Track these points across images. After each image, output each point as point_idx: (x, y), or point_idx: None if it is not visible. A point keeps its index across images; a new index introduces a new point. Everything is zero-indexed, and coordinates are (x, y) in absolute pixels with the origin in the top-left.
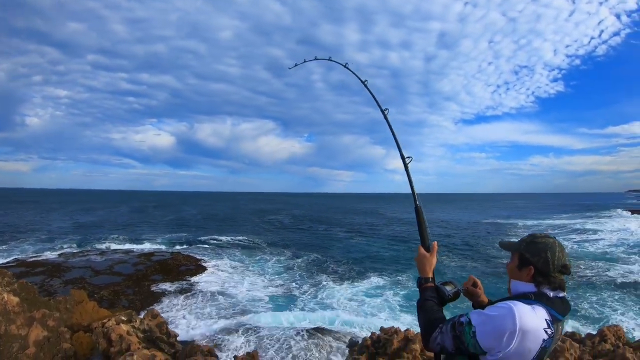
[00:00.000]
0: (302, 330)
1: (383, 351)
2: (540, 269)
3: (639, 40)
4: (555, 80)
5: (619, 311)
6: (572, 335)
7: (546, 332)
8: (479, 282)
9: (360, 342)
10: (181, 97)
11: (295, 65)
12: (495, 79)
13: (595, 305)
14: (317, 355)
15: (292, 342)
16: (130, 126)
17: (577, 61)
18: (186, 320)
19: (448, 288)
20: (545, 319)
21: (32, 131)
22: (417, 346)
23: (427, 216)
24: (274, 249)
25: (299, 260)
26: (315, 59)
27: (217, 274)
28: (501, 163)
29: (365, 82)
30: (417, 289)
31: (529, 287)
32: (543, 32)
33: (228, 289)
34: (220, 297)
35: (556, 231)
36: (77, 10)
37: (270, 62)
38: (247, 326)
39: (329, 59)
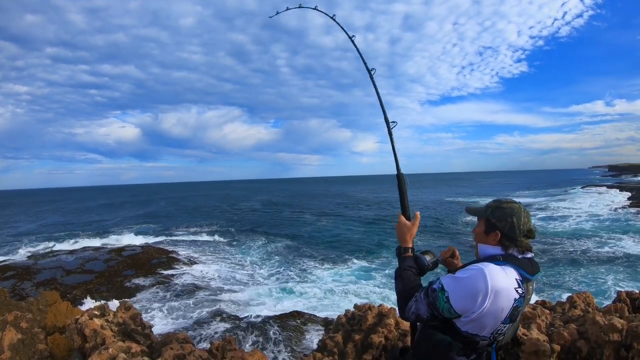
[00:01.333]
0: (279, 315)
1: (358, 327)
2: (506, 233)
3: (601, 21)
4: (519, 60)
5: (586, 282)
6: (543, 304)
7: (517, 291)
8: (457, 252)
9: (335, 320)
10: (144, 87)
11: (277, 13)
12: (460, 60)
13: (564, 278)
14: (293, 336)
15: (268, 327)
16: (93, 120)
17: (541, 42)
18: (161, 313)
19: (427, 257)
20: (516, 279)
21: None
22: (392, 320)
23: (397, 197)
24: (247, 236)
25: (273, 245)
26: (300, 7)
27: (189, 264)
28: (467, 142)
29: (353, 38)
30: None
31: (497, 250)
32: (507, 14)
33: (202, 279)
34: (194, 287)
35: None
36: (33, 2)
37: (234, 48)
38: (224, 314)
39: (315, 8)
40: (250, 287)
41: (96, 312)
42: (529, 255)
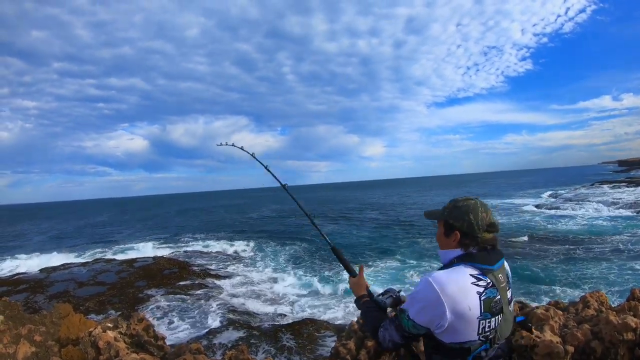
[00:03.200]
0: (292, 323)
1: None
2: (465, 232)
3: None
4: (524, 59)
5: (599, 280)
6: (556, 304)
7: (478, 284)
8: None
9: (347, 327)
10: (151, 98)
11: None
12: (465, 61)
13: (576, 276)
14: (307, 344)
15: (281, 335)
16: (102, 132)
17: (545, 39)
18: (174, 323)
19: (385, 296)
20: (470, 274)
21: (3, 146)
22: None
23: (403, 200)
24: (259, 245)
25: (285, 253)
26: (232, 144)
27: (201, 275)
28: (475, 143)
29: (267, 167)
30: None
31: (456, 252)
32: (510, 12)
33: (214, 289)
34: (206, 297)
35: (534, 209)
36: (39, 18)
37: (239, 57)
38: (237, 323)
39: (241, 148)
40: (263, 295)
41: (109, 325)
42: (488, 247)
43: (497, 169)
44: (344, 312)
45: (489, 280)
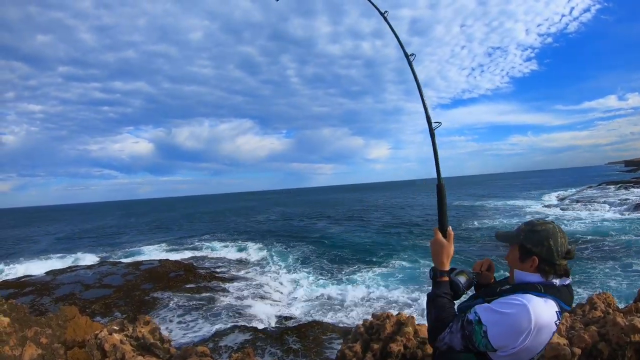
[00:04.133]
0: (298, 325)
1: (377, 337)
2: (544, 258)
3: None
4: (528, 59)
5: (607, 282)
6: None
7: (556, 324)
8: (493, 265)
9: (353, 329)
10: (156, 102)
11: None
12: (469, 62)
13: (583, 278)
14: (313, 347)
15: (287, 337)
16: (107, 136)
17: (550, 39)
18: (180, 326)
19: (462, 280)
20: (556, 311)
21: (8, 149)
22: (410, 329)
23: (410, 202)
24: (264, 248)
25: (290, 256)
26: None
27: (207, 277)
28: (481, 145)
29: (386, 14)
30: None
31: (535, 278)
32: (514, 12)
33: (220, 291)
34: (212, 299)
35: (541, 209)
36: (43, 22)
37: (243, 61)
38: (243, 326)
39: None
40: (269, 298)
41: (115, 327)
42: (567, 281)
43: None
44: (351, 315)
45: (560, 321)
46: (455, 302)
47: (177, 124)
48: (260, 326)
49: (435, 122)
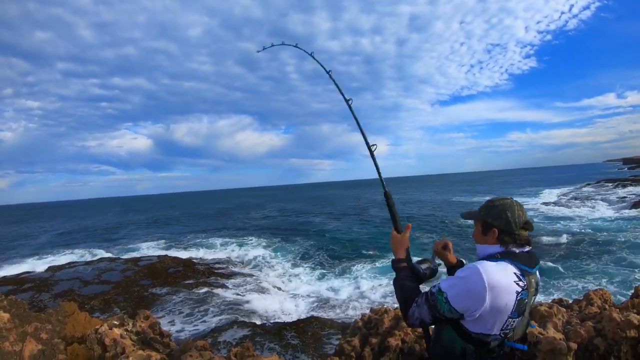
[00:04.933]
0: (296, 321)
1: (375, 331)
2: (503, 229)
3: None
4: (528, 56)
5: (603, 279)
6: (560, 302)
7: (518, 284)
8: (450, 244)
9: (352, 324)
10: (155, 98)
11: (264, 48)
12: (469, 58)
13: (580, 275)
14: (311, 342)
15: (285, 333)
16: (106, 132)
17: (549, 36)
18: (179, 322)
19: (423, 266)
20: (514, 272)
21: (6, 146)
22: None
23: (408, 198)
24: (262, 244)
25: (289, 252)
26: (282, 44)
27: (206, 273)
28: (480, 141)
29: (330, 73)
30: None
31: (495, 248)
32: (514, 9)
33: (218, 287)
34: (211, 295)
35: (540, 207)
36: (42, 18)
37: (243, 57)
38: (241, 322)
39: (296, 46)
40: (267, 293)
41: (115, 322)
42: (527, 248)
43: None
44: (349, 310)
45: (525, 283)
46: (418, 285)
47: (175, 120)
48: (259, 322)
49: (373, 144)
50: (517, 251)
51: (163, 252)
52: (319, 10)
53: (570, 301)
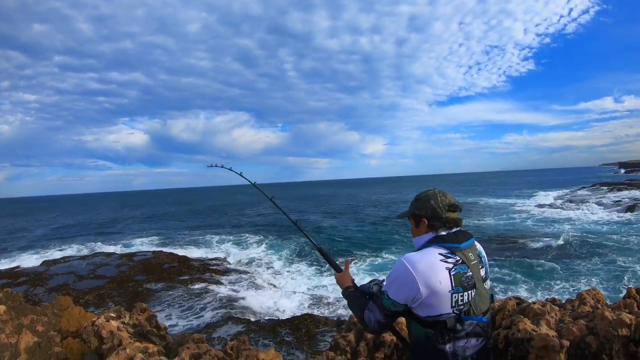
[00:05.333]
0: (291, 318)
1: None
2: (431, 216)
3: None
4: (526, 59)
5: (596, 280)
6: (553, 301)
7: (447, 261)
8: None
9: (347, 319)
10: (152, 93)
11: (211, 166)
12: (467, 60)
13: (572, 276)
14: (305, 338)
15: (280, 330)
16: (102, 127)
17: (548, 39)
18: (173, 317)
19: (370, 284)
20: (439, 253)
21: (3, 139)
22: (403, 319)
23: (403, 197)
24: (258, 240)
25: (285, 248)
26: (229, 168)
27: (200, 269)
28: (477, 142)
29: (273, 199)
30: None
31: (427, 237)
32: (513, 11)
33: (213, 283)
34: (205, 291)
35: (534, 209)
36: (40, 11)
37: (241, 53)
38: (235, 318)
39: (230, 169)
40: (262, 290)
41: (112, 314)
42: (455, 229)
43: (497, 168)
44: (343, 308)
45: (457, 258)
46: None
47: (172, 115)
48: (253, 318)
49: (297, 220)
50: (445, 233)
51: (158, 248)
52: (319, 8)
53: (564, 301)
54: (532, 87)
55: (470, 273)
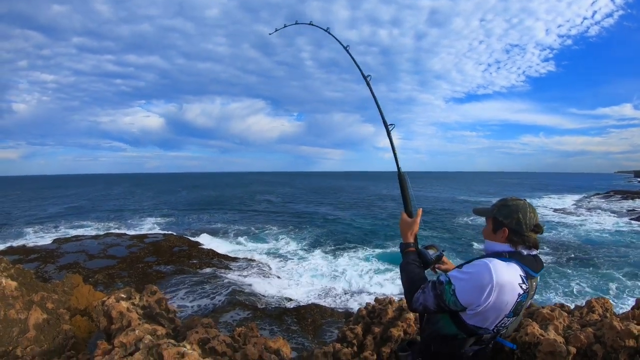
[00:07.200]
0: (297, 307)
1: (378, 321)
2: (514, 229)
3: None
4: (546, 60)
5: (605, 289)
6: (562, 307)
7: (521, 286)
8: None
9: (356, 312)
10: (169, 77)
11: (276, 30)
12: (487, 57)
13: (581, 284)
14: (311, 329)
15: (286, 318)
16: (118, 109)
17: (569, 41)
18: (181, 300)
19: (431, 252)
20: (520, 275)
21: (19, 117)
22: (412, 315)
23: (416, 194)
24: (267, 228)
25: (294, 238)
26: (296, 23)
27: (210, 254)
28: (492, 142)
29: (348, 48)
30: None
31: (504, 247)
32: (535, 11)
33: (222, 269)
34: (214, 276)
35: (547, 212)
36: None
37: (259, 40)
38: (242, 304)
39: (310, 23)
40: (270, 278)
41: (122, 295)
42: (534, 252)
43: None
44: (351, 300)
45: (527, 286)
46: (424, 270)
47: (188, 100)
48: (260, 305)
49: (390, 124)
50: (525, 253)
51: (169, 231)
52: None
53: (572, 307)
54: (551, 89)
55: (524, 303)
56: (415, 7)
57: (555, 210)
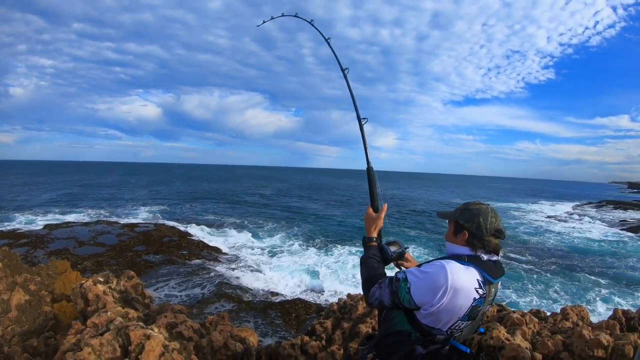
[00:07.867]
0: (282, 301)
1: (348, 316)
2: (474, 233)
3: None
4: (546, 67)
5: (585, 297)
6: (537, 313)
7: (477, 291)
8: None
9: (327, 307)
10: (168, 67)
11: (263, 22)
12: (487, 62)
13: (565, 290)
14: (294, 323)
15: (270, 312)
16: (116, 97)
17: (570, 50)
18: (167, 291)
19: (392, 248)
20: (477, 279)
21: (16, 102)
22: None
23: (409, 193)
24: (260, 222)
25: (286, 232)
26: (282, 15)
27: (200, 245)
28: (488, 146)
29: (329, 40)
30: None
31: (464, 250)
32: (538, 18)
33: (211, 261)
34: (202, 268)
35: (538, 218)
36: None
37: (260, 34)
38: (228, 296)
39: (295, 15)
40: (258, 272)
41: (100, 279)
42: (495, 258)
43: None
44: (335, 296)
45: (484, 292)
46: (384, 266)
47: (186, 91)
48: (246, 298)
49: (363, 118)
50: (485, 258)
51: (160, 221)
52: None
53: (548, 314)
54: (549, 97)
55: (481, 308)
56: (418, 8)
57: (547, 217)
